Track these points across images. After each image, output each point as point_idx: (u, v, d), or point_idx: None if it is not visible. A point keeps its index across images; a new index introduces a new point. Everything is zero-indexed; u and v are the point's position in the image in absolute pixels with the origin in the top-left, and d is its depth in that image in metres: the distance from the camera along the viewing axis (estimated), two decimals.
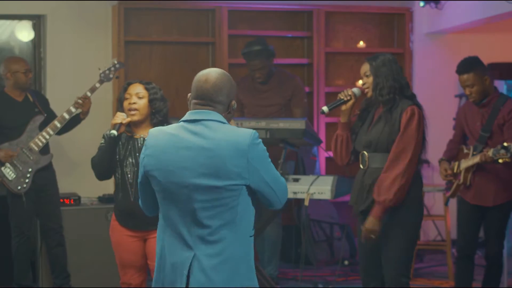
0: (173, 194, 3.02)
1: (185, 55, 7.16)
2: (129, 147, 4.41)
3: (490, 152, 4.90)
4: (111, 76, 5.69)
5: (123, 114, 4.38)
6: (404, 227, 4.23)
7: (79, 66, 6.80)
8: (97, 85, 5.69)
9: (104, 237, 6.03)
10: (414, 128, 4.21)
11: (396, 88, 4.28)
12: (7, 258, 6.08)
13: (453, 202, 6.19)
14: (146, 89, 4.44)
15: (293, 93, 6.40)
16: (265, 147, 3.08)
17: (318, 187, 5.50)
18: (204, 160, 2.97)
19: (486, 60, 7.73)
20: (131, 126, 4.45)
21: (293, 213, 6.99)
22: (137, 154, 4.35)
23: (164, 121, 4.44)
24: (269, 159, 3.09)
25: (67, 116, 5.78)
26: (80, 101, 5.74)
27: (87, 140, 6.48)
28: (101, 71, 5.67)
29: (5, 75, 5.91)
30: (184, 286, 2.99)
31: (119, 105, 4.52)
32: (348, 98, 4.40)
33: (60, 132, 5.92)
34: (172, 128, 3.07)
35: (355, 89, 4.43)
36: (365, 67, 4.36)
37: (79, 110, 5.82)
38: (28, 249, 5.95)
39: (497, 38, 7.74)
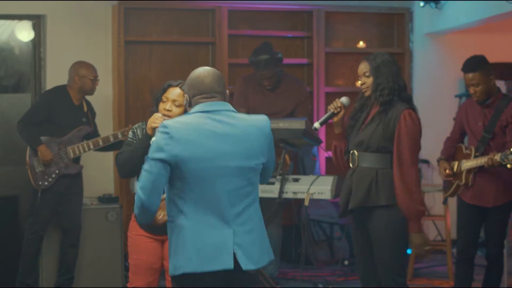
0: (208, 179, 3.27)
1: (185, 55, 7.16)
2: None
3: (498, 157, 4.88)
4: None
5: (161, 116, 4.03)
6: (393, 227, 4.20)
7: None
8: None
9: (104, 237, 6.07)
10: (411, 131, 4.18)
11: (396, 90, 4.26)
12: (9, 258, 6.09)
13: (452, 202, 6.19)
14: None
15: (299, 101, 6.38)
16: None
17: (318, 187, 5.50)
18: (238, 144, 3.31)
19: None
20: None
21: (293, 213, 7.00)
22: None
23: None
24: None
25: (111, 139, 5.90)
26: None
27: None
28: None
29: (73, 77, 5.99)
30: (232, 259, 3.26)
31: (154, 104, 4.22)
32: (338, 110, 4.39)
33: (98, 149, 6.00)
34: (193, 119, 3.30)
35: (343, 99, 4.40)
36: (364, 67, 4.32)
37: (123, 138, 5.85)
38: (38, 249, 5.94)
39: (497, 38, 7.74)
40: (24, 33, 6.95)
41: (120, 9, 6.84)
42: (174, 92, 4.13)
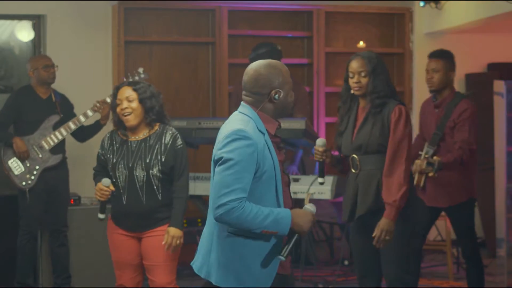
0: None
1: (185, 55, 7.16)
2: (123, 151, 4.37)
3: (424, 164, 4.90)
4: None
5: (105, 182, 4.36)
6: (398, 225, 4.15)
7: (78, 66, 6.81)
8: None
9: (104, 237, 6.05)
10: (403, 127, 4.14)
11: (389, 92, 4.22)
12: (8, 258, 6.08)
13: None
14: (135, 90, 4.34)
15: (296, 100, 6.36)
16: None
17: (318, 187, 5.50)
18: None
19: (486, 60, 7.78)
20: (127, 129, 4.38)
21: None
22: (129, 158, 4.32)
23: (159, 119, 4.37)
24: None
25: (82, 119, 5.87)
26: (98, 104, 5.77)
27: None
28: (125, 80, 5.66)
29: (28, 73, 6.01)
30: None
31: (112, 112, 4.43)
32: (323, 155, 4.32)
33: (81, 137, 6.02)
34: None
35: (319, 143, 4.32)
36: (360, 65, 4.25)
37: (96, 114, 5.83)
38: (33, 248, 5.95)
39: (497, 38, 7.74)
40: (24, 33, 6.96)
41: (120, 9, 6.84)
42: (124, 91, 4.35)
